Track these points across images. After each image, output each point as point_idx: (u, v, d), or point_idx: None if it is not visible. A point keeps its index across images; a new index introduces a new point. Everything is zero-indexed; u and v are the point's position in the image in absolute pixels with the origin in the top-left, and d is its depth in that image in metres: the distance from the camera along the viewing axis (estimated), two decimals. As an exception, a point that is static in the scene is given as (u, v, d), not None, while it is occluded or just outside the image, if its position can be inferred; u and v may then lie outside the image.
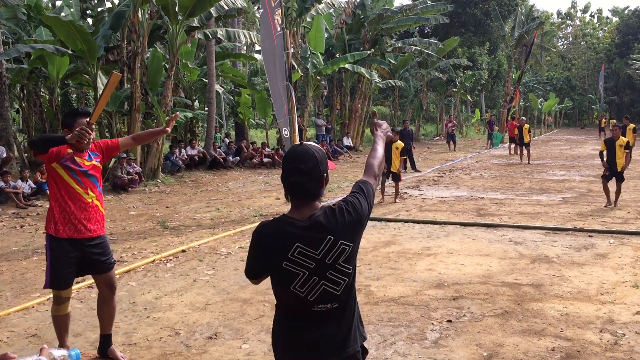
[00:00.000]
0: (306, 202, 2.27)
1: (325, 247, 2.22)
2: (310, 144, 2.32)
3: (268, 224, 2.30)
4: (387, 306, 5.42)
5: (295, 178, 2.25)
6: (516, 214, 10.24)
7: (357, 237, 2.32)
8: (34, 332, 4.93)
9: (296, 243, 2.21)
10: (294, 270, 2.23)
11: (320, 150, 2.32)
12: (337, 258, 2.24)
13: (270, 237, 2.27)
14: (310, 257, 2.22)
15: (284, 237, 2.24)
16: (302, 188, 2.25)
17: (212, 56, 19.07)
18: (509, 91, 35.12)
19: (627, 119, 18.25)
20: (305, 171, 2.24)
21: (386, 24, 25.88)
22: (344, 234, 2.25)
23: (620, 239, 8.11)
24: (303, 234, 2.22)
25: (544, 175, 16.30)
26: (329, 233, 2.22)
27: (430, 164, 20.32)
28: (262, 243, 2.28)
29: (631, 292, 5.74)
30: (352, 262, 2.32)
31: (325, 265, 2.23)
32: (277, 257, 2.23)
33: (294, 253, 2.21)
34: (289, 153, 2.31)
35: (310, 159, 2.25)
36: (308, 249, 2.21)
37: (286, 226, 2.25)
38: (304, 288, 2.25)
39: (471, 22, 44.34)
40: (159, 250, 7.84)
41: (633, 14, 62.37)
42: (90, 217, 4.12)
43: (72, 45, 14.05)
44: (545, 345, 4.47)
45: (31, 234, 9.20)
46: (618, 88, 62.36)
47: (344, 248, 2.24)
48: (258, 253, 2.31)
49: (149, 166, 15.57)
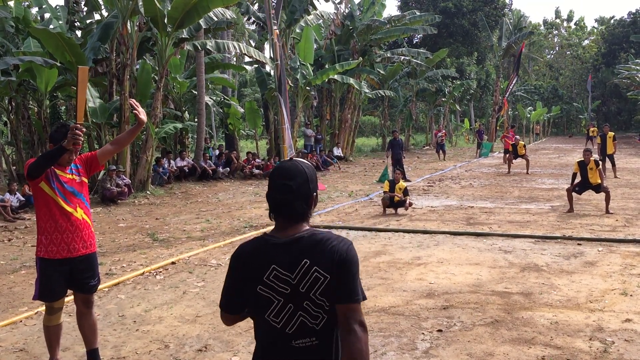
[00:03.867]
0: (292, 222, 2.11)
1: (300, 271, 2.05)
2: (300, 160, 2.19)
3: (245, 244, 2.16)
4: (377, 316, 5.42)
5: (281, 196, 2.09)
6: (506, 222, 10.28)
7: (335, 274, 2.05)
8: (21, 346, 4.87)
9: (272, 265, 2.06)
10: (269, 296, 2.07)
11: (310, 167, 2.18)
12: (312, 288, 2.05)
13: (247, 258, 2.12)
14: (286, 282, 2.05)
15: (261, 257, 2.08)
16: (289, 207, 2.09)
17: (202, 67, 19.09)
18: (498, 100, 35.37)
19: (607, 126, 18.56)
20: (294, 189, 2.08)
21: (375, 34, 26.04)
22: (321, 261, 2.04)
23: (609, 247, 8.16)
24: (281, 255, 2.06)
25: (533, 184, 16.40)
26: (305, 255, 2.04)
27: (420, 174, 20.38)
28: (238, 265, 2.13)
29: (620, 300, 5.77)
30: (331, 298, 2.07)
31: (300, 294, 2.06)
32: (252, 280, 2.08)
33: (269, 276, 2.06)
34: (277, 168, 2.16)
35: (300, 175, 2.11)
36: (284, 272, 2.05)
37: (264, 246, 2.10)
38: (279, 317, 2.08)
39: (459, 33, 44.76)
40: (148, 262, 7.79)
41: (618, 24, 63.14)
42: (82, 235, 4.08)
43: (60, 57, 14.00)
44: (536, 354, 4.48)
45: (19, 247, 9.12)
46: (605, 97, 63.01)
47: (317, 277, 2.03)
48: (233, 278, 2.15)
49: (139, 178, 15.50)
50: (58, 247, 4.00)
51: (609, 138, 17.69)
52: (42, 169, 3.91)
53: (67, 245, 4.01)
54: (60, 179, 4.01)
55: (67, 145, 3.81)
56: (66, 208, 4.01)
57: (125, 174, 14.71)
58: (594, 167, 11.08)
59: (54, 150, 3.87)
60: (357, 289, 2.08)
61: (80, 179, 4.14)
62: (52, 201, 3.99)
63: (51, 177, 3.98)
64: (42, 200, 4.01)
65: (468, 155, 30.40)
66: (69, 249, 4.02)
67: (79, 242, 4.06)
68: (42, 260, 4.04)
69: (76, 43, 14.28)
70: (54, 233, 3.99)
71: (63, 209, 4.00)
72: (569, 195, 11.27)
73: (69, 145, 3.82)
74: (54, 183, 3.98)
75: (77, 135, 3.79)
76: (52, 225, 3.99)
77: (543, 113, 49.23)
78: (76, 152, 4.05)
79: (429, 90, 36.40)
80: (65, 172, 4.06)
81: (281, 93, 10.78)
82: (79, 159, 4.18)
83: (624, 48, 57.69)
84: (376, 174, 19.93)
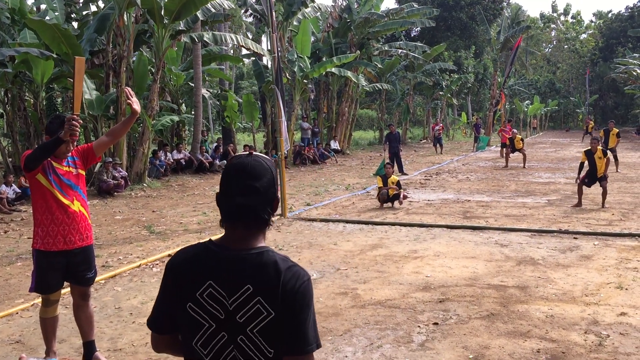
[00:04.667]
0: (249, 232, 1.73)
1: (239, 297, 1.65)
2: (262, 156, 1.79)
3: (184, 250, 1.79)
4: (373, 309, 5.43)
5: (245, 199, 1.69)
6: (502, 216, 10.30)
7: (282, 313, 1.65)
8: (17, 338, 4.87)
9: (209, 280, 1.68)
10: (199, 318, 1.69)
11: (273, 165, 1.80)
12: (250, 321, 1.65)
13: (182, 266, 1.74)
14: (221, 305, 1.67)
15: (198, 268, 1.71)
16: (252, 213, 1.71)
17: (199, 60, 19.03)
18: (495, 94, 35.38)
19: (612, 122, 18.59)
20: (260, 191, 1.71)
21: (373, 27, 25.97)
22: (266, 291, 1.65)
23: (605, 241, 8.19)
24: (222, 269, 1.68)
25: (530, 178, 16.43)
26: (249, 280, 1.66)
27: (417, 167, 20.39)
28: (172, 273, 1.76)
29: (615, 294, 5.79)
30: (275, 343, 1.66)
31: (236, 325, 1.66)
32: (184, 295, 1.70)
33: (203, 293, 1.68)
34: (236, 166, 1.74)
35: (266, 174, 1.73)
36: (221, 291, 1.67)
37: (205, 255, 1.73)
38: (207, 348, 1.70)
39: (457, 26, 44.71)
40: (145, 255, 7.79)
41: (616, 18, 63.12)
42: (79, 227, 4.07)
43: (56, 48, 13.94)
44: (531, 347, 4.50)
45: (15, 239, 9.11)
46: (602, 91, 63.06)
47: (259, 310, 1.64)
48: (165, 290, 1.77)
49: (135, 170, 15.47)
50: (54, 239, 3.99)
51: (613, 135, 17.71)
52: (38, 160, 3.88)
53: (64, 237, 4.00)
54: (57, 171, 3.99)
55: (64, 137, 3.79)
56: (63, 200, 3.99)
57: (121, 167, 14.68)
58: (602, 157, 10.83)
59: (50, 142, 3.84)
60: (308, 335, 1.67)
61: (77, 171, 4.12)
62: (48, 193, 3.97)
63: (48, 169, 3.96)
64: (39, 192, 3.99)
65: (465, 149, 30.42)
66: (65, 241, 4.01)
67: (76, 235, 4.05)
68: (38, 253, 4.03)
69: (72, 34, 14.22)
70: (51, 225, 3.98)
71: (60, 201, 3.99)
72: (579, 188, 11.04)
73: (65, 136, 3.79)
74: (51, 175, 3.96)
75: (74, 126, 3.77)
76: (49, 218, 3.98)
77: (540, 107, 49.26)
78: (73, 143, 4.03)
79: (426, 84, 36.40)
80: (62, 164, 4.04)
81: (278, 85, 10.75)
82: (76, 151, 4.16)
83: (622, 42, 57.72)
84: (373, 167, 19.92)
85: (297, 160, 21.64)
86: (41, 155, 3.87)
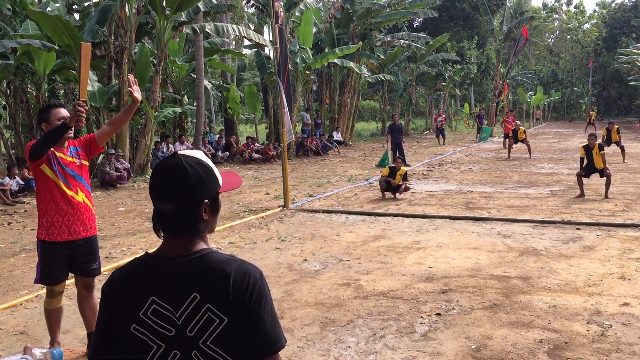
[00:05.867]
0: (179, 239, 1.58)
1: (187, 308, 1.51)
2: (188, 155, 1.60)
3: (119, 269, 1.64)
4: (376, 300, 5.44)
5: (162, 206, 1.57)
6: (505, 207, 10.29)
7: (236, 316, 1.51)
8: (22, 329, 4.90)
9: (151, 296, 1.53)
10: (146, 339, 1.53)
11: (200, 165, 1.59)
12: (202, 333, 1.51)
13: (120, 286, 1.59)
14: (168, 321, 1.52)
15: (137, 285, 1.56)
16: (170, 220, 1.57)
17: (201, 51, 18.98)
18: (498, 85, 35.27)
19: (612, 123, 18.77)
20: (173, 197, 1.56)
21: (375, 18, 25.88)
22: (214, 296, 1.51)
23: (608, 232, 8.18)
24: (163, 284, 1.54)
25: (533, 169, 16.40)
26: (195, 288, 1.52)
27: (419, 158, 20.37)
28: (110, 295, 1.59)
29: (618, 284, 5.79)
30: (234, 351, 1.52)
31: (188, 340, 1.51)
32: (126, 317, 1.54)
33: (147, 311, 1.53)
34: (155, 169, 1.62)
35: (182, 178, 1.55)
36: (166, 306, 1.52)
37: (143, 270, 1.58)
38: None
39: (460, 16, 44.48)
40: (148, 246, 7.81)
41: (620, 8, 62.77)
42: (83, 218, 4.06)
43: (58, 40, 13.93)
44: (533, 337, 4.51)
45: (19, 231, 9.14)
46: (605, 81, 62.85)
47: (210, 318, 1.50)
48: (104, 314, 1.59)
49: (138, 162, 15.49)
50: (59, 230, 3.99)
51: (614, 132, 18.16)
52: (45, 149, 3.86)
53: (68, 227, 4.00)
54: (61, 162, 3.99)
55: (70, 122, 3.78)
56: (67, 191, 3.99)
57: (124, 158, 14.70)
58: (597, 152, 11.17)
59: (56, 129, 3.82)
60: (272, 334, 1.54)
61: (80, 162, 4.11)
62: (53, 184, 3.97)
63: (52, 160, 3.96)
64: (44, 182, 3.98)
65: (468, 140, 30.37)
66: (69, 231, 4.01)
67: (80, 225, 4.05)
68: (43, 243, 4.04)
69: (74, 26, 14.20)
70: (55, 215, 3.98)
71: (64, 191, 3.98)
72: (579, 180, 11.29)
73: (72, 122, 3.78)
74: (55, 166, 3.96)
75: (80, 112, 3.76)
76: (53, 208, 3.98)
77: (543, 98, 49.12)
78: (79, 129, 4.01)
79: (429, 75, 36.28)
80: (65, 154, 4.03)
81: (280, 77, 10.73)
82: (79, 142, 4.16)
83: (625, 32, 57.43)
84: (375, 158, 19.91)
85: (300, 152, 21.63)
86: (47, 143, 3.85)
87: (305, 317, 5.03)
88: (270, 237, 8.23)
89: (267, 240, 8.08)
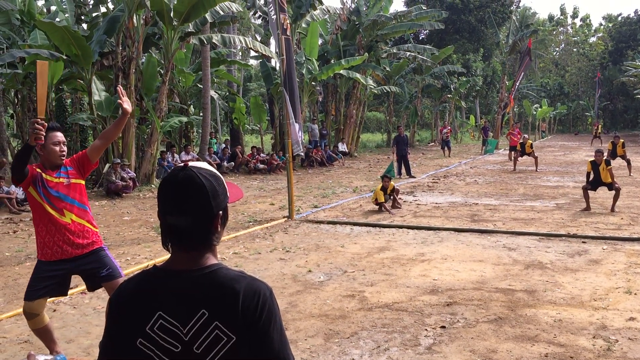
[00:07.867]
0: (190, 253, 1.56)
1: (195, 325, 1.49)
2: (200, 167, 1.59)
3: (127, 282, 1.61)
4: (380, 312, 5.42)
5: (173, 219, 1.54)
6: (510, 220, 10.26)
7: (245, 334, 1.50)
8: (26, 338, 4.90)
9: (158, 311, 1.51)
10: (152, 355, 1.51)
11: (213, 176, 1.59)
12: (209, 351, 1.49)
13: (127, 300, 1.56)
14: (175, 337, 1.50)
15: (144, 299, 1.54)
16: (184, 234, 1.55)
17: (208, 62, 19.09)
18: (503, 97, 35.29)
19: (617, 137, 18.82)
20: (189, 211, 1.53)
21: (381, 30, 25.99)
22: (223, 313, 1.49)
23: (614, 245, 8.13)
24: (170, 297, 1.52)
25: (538, 182, 16.35)
26: (203, 304, 1.50)
27: (424, 170, 20.36)
28: (116, 310, 1.57)
29: (624, 298, 5.75)
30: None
31: (194, 357, 1.50)
32: (132, 331, 1.52)
33: (154, 326, 1.51)
34: (166, 182, 1.57)
35: (198, 191, 1.53)
36: (173, 321, 1.50)
37: (151, 284, 1.56)
38: None
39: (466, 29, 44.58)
40: (152, 255, 7.81)
41: (625, 21, 62.82)
42: (72, 238, 4.01)
43: (66, 50, 14.03)
44: (539, 351, 4.47)
45: (24, 239, 9.16)
46: (611, 95, 62.77)
47: (218, 336, 1.48)
48: (111, 329, 1.58)
49: (144, 171, 15.54)
50: (51, 250, 4.00)
51: (619, 146, 18.29)
52: (16, 170, 3.83)
53: (60, 247, 4.00)
54: (47, 184, 3.95)
55: (30, 142, 3.70)
56: (52, 213, 3.97)
57: (130, 168, 14.75)
58: (605, 167, 11.20)
59: (20, 151, 3.80)
60: (281, 352, 1.52)
61: (69, 181, 4.04)
62: (39, 206, 3.97)
63: (38, 183, 3.94)
64: (34, 204, 4.01)
65: (473, 152, 30.33)
66: (62, 251, 4.01)
67: (68, 246, 4.01)
68: (38, 262, 4.08)
69: (82, 36, 14.31)
70: (46, 236, 3.99)
71: (50, 213, 3.97)
72: (585, 193, 11.25)
73: (32, 141, 3.69)
74: (40, 188, 3.94)
75: (38, 130, 3.65)
76: (43, 229, 3.99)
77: (549, 111, 49.09)
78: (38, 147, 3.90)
79: (434, 87, 36.35)
80: (52, 176, 3.99)
81: (286, 88, 10.76)
82: (70, 160, 4.11)
83: (631, 46, 57.42)
84: (381, 169, 19.90)
85: (305, 163, 21.66)
86: (16, 164, 3.83)
87: (309, 328, 5.01)
88: (274, 248, 8.22)
89: (272, 250, 8.07)
